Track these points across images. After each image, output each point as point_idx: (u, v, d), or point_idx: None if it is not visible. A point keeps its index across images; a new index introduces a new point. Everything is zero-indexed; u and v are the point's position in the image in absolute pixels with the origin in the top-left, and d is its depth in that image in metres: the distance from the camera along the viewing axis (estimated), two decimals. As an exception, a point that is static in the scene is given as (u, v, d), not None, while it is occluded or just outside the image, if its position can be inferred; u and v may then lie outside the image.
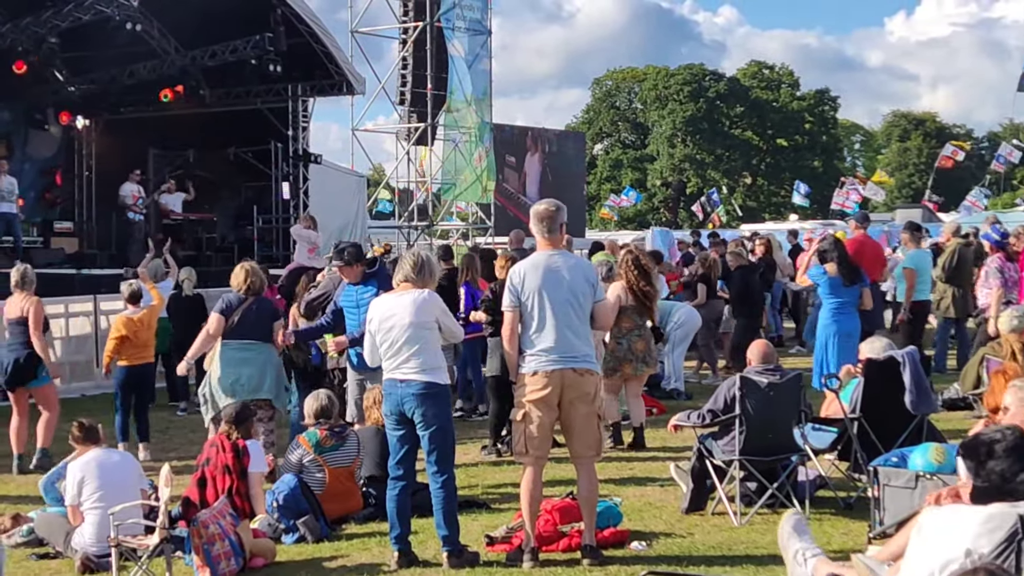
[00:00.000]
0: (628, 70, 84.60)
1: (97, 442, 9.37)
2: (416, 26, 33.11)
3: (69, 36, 24.17)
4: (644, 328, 12.71)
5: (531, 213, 8.60)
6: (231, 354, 11.53)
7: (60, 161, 29.32)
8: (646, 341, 12.68)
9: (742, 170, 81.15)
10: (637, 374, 12.75)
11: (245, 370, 11.46)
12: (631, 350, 12.58)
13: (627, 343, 12.56)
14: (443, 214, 37.49)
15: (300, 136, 27.94)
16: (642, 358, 12.65)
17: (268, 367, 11.57)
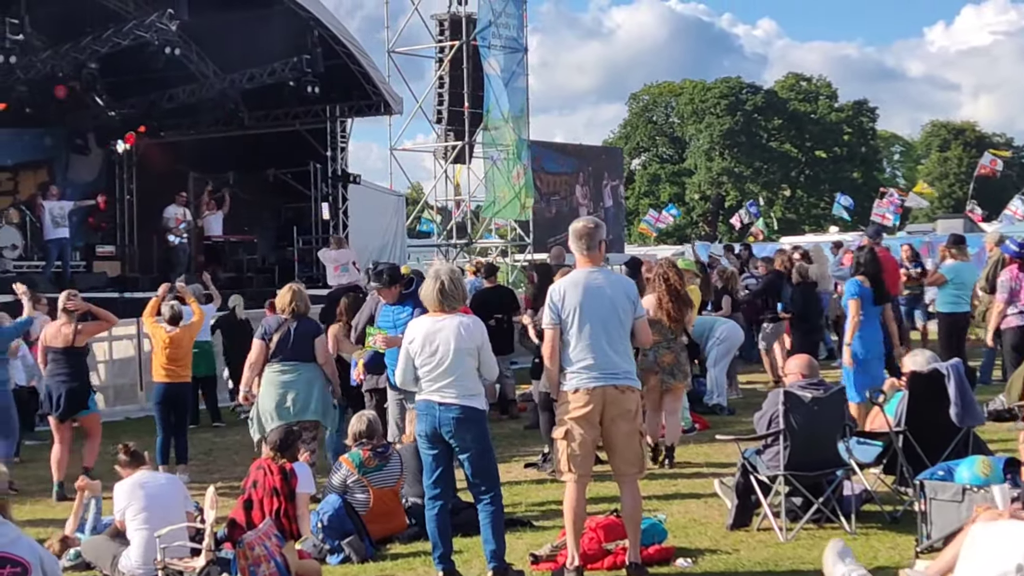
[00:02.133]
0: (665, 84, 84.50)
1: (142, 465, 9.42)
2: (452, 45, 33.21)
3: (109, 61, 24.39)
4: (674, 341, 12.59)
5: (570, 230, 8.58)
6: (275, 376, 11.59)
7: (101, 185, 29.55)
8: (675, 354, 12.55)
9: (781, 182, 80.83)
10: (664, 386, 12.62)
11: (290, 392, 11.50)
12: (657, 362, 12.47)
13: (654, 355, 12.45)
14: (482, 232, 37.51)
15: (339, 156, 28.07)
16: (669, 370, 12.52)
17: (313, 386, 11.59)
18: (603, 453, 8.81)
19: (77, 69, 24.24)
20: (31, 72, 24.18)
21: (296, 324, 11.68)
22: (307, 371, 11.60)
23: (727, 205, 76.83)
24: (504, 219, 35.92)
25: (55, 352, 12.91)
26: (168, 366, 13.48)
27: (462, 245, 35.56)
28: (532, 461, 12.92)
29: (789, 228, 68.83)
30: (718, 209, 78.91)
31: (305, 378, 11.58)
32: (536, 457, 12.95)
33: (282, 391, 11.52)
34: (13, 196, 27.49)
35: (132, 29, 23.47)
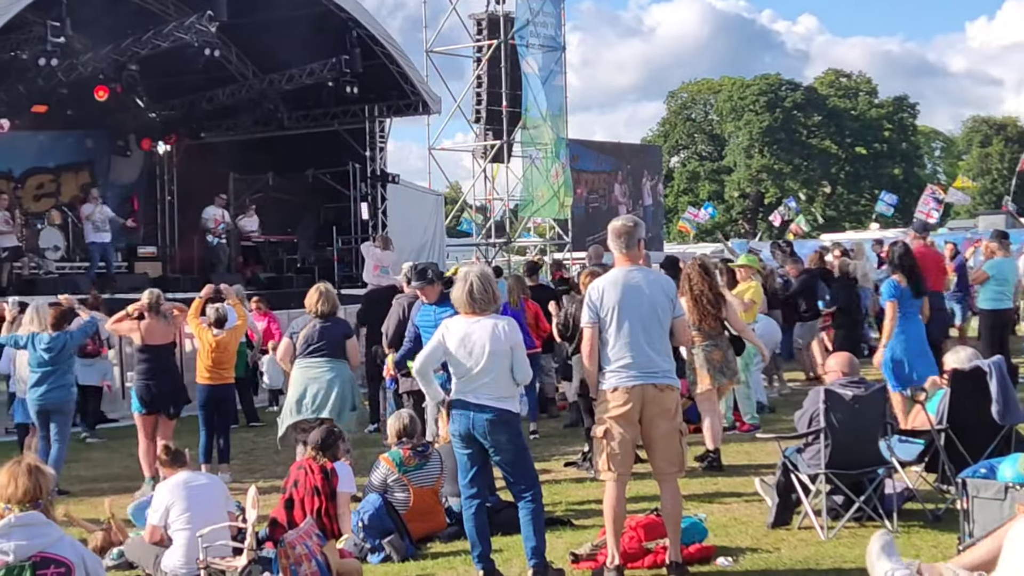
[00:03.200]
0: (703, 82, 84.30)
1: (184, 465, 9.48)
2: (490, 44, 33.24)
3: (149, 63, 24.54)
4: (720, 339, 12.55)
5: (609, 229, 8.56)
6: (298, 373, 11.74)
7: (142, 187, 29.77)
8: (723, 351, 12.50)
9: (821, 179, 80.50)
10: (716, 384, 12.58)
11: (310, 389, 11.58)
12: (708, 360, 12.45)
13: (704, 352, 12.43)
14: (520, 230, 37.53)
15: (378, 156, 28.14)
16: (719, 368, 12.48)
17: (335, 385, 11.64)
18: (643, 452, 8.81)
19: (118, 71, 24.42)
20: (72, 74, 24.40)
21: (323, 323, 11.75)
22: (333, 369, 11.66)
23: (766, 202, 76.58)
24: (543, 218, 35.92)
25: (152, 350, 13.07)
26: (213, 368, 13.57)
27: (501, 244, 35.58)
28: (572, 460, 12.92)
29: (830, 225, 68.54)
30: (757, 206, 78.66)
31: (327, 377, 11.64)
32: (576, 456, 12.94)
33: (303, 387, 11.64)
34: (55, 198, 27.78)
35: (172, 31, 23.62)
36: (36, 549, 5.36)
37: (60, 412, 13.03)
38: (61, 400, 13.02)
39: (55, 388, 12.95)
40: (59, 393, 12.99)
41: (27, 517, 5.42)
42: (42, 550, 5.37)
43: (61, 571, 5.37)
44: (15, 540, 5.33)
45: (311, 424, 11.29)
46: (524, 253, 37.63)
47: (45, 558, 5.36)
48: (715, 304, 12.48)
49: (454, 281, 11.15)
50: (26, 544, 5.34)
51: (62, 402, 13.04)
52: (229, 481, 12.37)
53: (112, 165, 29.71)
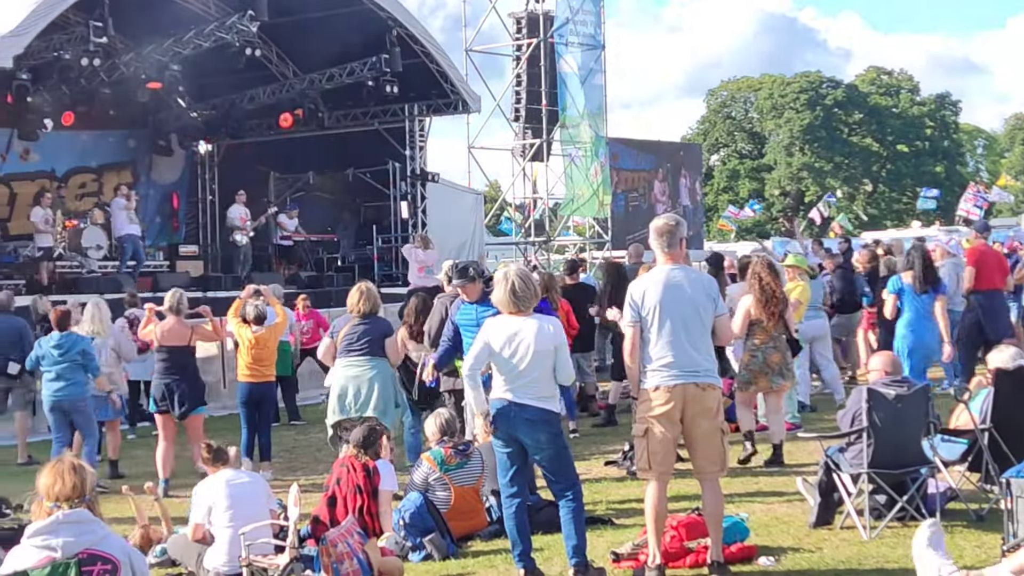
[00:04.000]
0: (743, 80, 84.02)
1: (226, 463, 9.52)
2: (530, 43, 33.21)
3: (190, 63, 24.66)
4: (779, 340, 12.50)
5: (650, 228, 8.55)
6: (340, 372, 11.80)
7: (183, 186, 29.95)
8: (782, 353, 12.44)
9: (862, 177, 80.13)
10: (774, 387, 12.54)
11: (351, 387, 11.62)
12: (766, 363, 12.38)
13: (762, 355, 12.37)
14: (560, 229, 37.51)
15: (417, 155, 28.19)
16: (778, 371, 12.41)
17: (376, 383, 11.67)
18: (684, 451, 8.79)
19: (160, 71, 24.56)
20: (115, 74, 24.58)
21: (363, 322, 11.78)
22: (371, 368, 11.69)
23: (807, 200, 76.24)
24: (582, 216, 35.89)
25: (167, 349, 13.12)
26: (253, 366, 13.62)
27: (540, 243, 35.57)
28: (612, 459, 12.90)
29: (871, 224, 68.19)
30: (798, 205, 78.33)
31: (368, 375, 11.68)
32: (616, 455, 12.92)
33: (344, 386, 11.69)
34: (97, 197, 27.98)
35: (213, 31, 23.75)
36: (83, 546, 5.39)
37: (77, 410, 13.13)
38: (76, 396, 13.11)
39: (68, 385, 13.07)
40: (73, 390, 13.09)
41: (75, 515, 5.46)
42: (89, 547, 5.40)
43: (108, 568, 5.40)
44: (63, 536, 5.37)
45: (354, 423, 11.33)
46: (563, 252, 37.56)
47: (92, 555, 5.39)
48: (783, 304, 12.45)
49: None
50: (73, 541, 5.37)
51: (77, 399, 13.12)
52: (270, 479, 12.41)
53: (154, 164, 29.91)
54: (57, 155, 27.68)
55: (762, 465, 12.34)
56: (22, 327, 15.61)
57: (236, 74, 25.61)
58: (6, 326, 15.47)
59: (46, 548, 5.36)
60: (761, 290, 12.37)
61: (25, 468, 14.68)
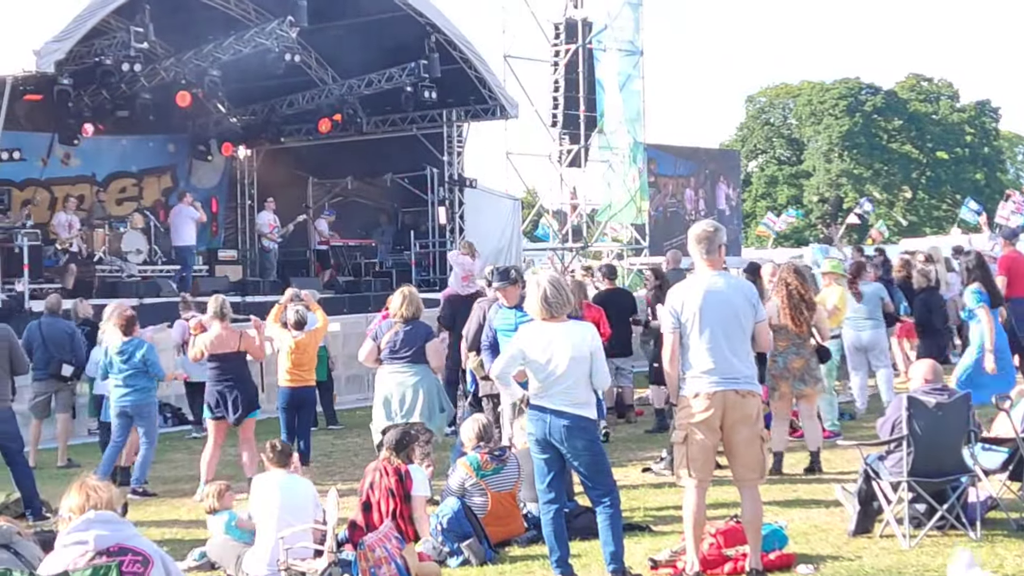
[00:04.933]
0: (782, 86, 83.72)
1: (285, 465, 9.54)
2: (568, 49, 33.26)
3: (230, 68, 24.79)
4: (803, 346, 12.48)
5: (689, 234, 8.54)
6: (384, 378, 11.78)
7: (223, 191, 30.12)
8: (804, 359, 12.43)
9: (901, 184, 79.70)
10: (796, 393, 12.52)
11: (396, 393, 11.62)
12: (787, 368, 12.38)
13: (783, 361, 12.37)
14: (597, 235, 37.50)
15: (455, 161, 28.23)
16: (799, 376, 12.41)
17: (420, 389, 11.67)
18: (722, 458, 8.76)
19: (199, 76, 24.69)
20: (155, 80, 24.74)
21: (406, 327, 11.79)
22: (415, 375, 11.69)
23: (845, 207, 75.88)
24: (620, 222, 35.88)
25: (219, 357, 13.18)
26: (293, 371, 13.66)
27: (578, 249, 35.58)
28: (650, 465, 12.88)
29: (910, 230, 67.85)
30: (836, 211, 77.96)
31: (412, 382, 11.67)
32: (655, 463, 12.89)
33: (389, 392, 11.68)
34: (137, 201, 28.15)
35: (253, 36, 23.88)
36: (114, 541, 5.47)
37: (141, 415, 13.22)
38: (140, 403, 13.21)
39: (131, 391, 13.16)
40: (137, 396, 13.19)
41: (106, 514, 5.54)
42: (120, 542, 5.47)
43: (138, 559, 5.47)
44: (95, 530, 5.45)
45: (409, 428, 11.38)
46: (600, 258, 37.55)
47: (123, 547, 5.47)
48: (809, 309, 12.40)
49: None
50: (106, 535, 5.45)
51: (141, 404, 13.21)
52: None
53: (193, 169, 30.07)
54: (98, 160, 27.89)
55: (800, 473, 12.30)
56: (72, 330, 15.74)
57: (275, 80, 25.71)
58: (56, 329, 15.61)
59: (78, 543, 5.44)
60: (788, 296, 12.35)
61: (65, 471, 14.79)
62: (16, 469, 11.95)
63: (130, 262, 24.18)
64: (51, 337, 15.44)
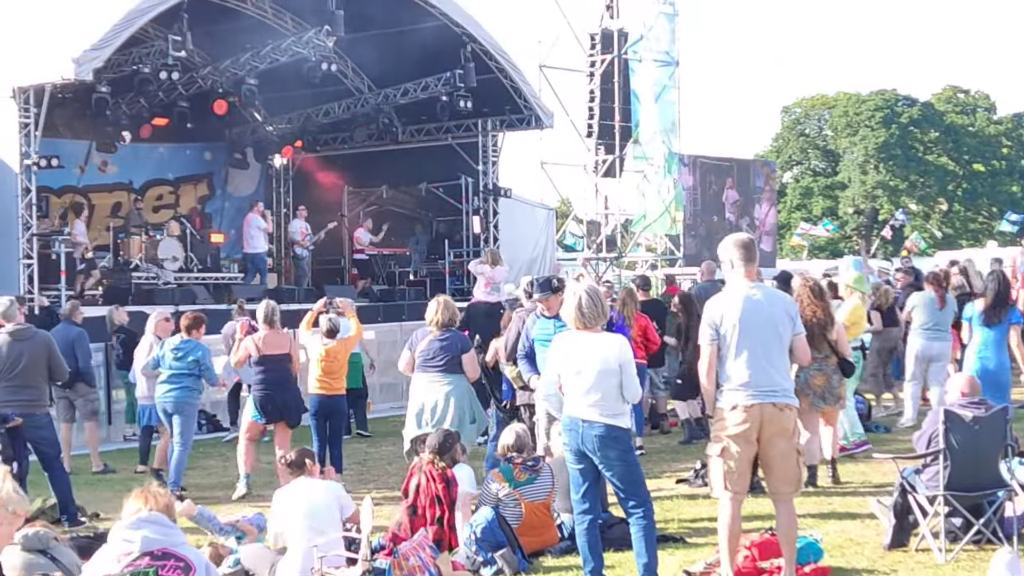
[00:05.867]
0: (818, 97, 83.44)
1: (301, 473, 9.58)
2: (603, 59, 33.28)
3: (267, 77, 24.92)
4: (825, 362, 12.33)
5: (727, 244, 8.49)
6: (418, 386, 11.83)
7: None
8: (827, 376, 12.23)
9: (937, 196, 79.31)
10: (814, 409, 12.41)
11: (428, 402, 11.64)
12: (808, 384, 12.20)
13: (804, 376, 12.18)
14: (631, 245, 37.48)
15: (490, 170, 28.27)
16: (820, 394, 12.22)
17: (452, 398, 11.67)
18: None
19: (236, 85, 24.83)
20: (192, 88, 24.90)
21: (441, 337, 11.80)
22: (448, 384, 11.70)
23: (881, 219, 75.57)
24: (654, 233, 35.85)
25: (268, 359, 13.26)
26: (323, 378, 13.70)
27: (612, 259, 35.57)
28: (684, 477, 12.84)
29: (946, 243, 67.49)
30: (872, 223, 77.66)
31: (445, 391, 11.69)
32: (688, 473, 12.86)
33: (421, 401, 11.72)
34: (174, 209, 28.32)
35: (290, 45, 24.01)
36: (161, 544, 5.52)
37: (181, 413, 13.31)
38: (182, 400, 13.30)
39: (176, 389, 13.31)
40: (180, 394, 13.32)
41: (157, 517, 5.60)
42: (166, 546, 5.52)
43: (180, 565, 5.52)
44: (143, 530, 5.49)
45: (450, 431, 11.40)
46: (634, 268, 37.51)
47: (167, 552, 5.52)
48: (825, 327, 12.28)
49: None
50: (153, 538, 5.50)
51: (183, 403, 13.30)
52: (342, 492, 12.47)
53: (230, 177, 30.25)
54: (135, 167, 28.10)
55: (834, 486, 12.24)
56: (75, 337, 15.50)
57: (312, 88, 25.83)
58: (59, 336, 15.56)
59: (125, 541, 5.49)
60: (802, 312, 12.20)
61: (100, 477, 14.89)
62: (53, 474, 12.03)
63: (166, 269, 24.30)
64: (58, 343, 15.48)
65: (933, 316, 15.64)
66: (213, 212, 29.56)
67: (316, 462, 10.10)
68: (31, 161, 20.26)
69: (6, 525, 6.15)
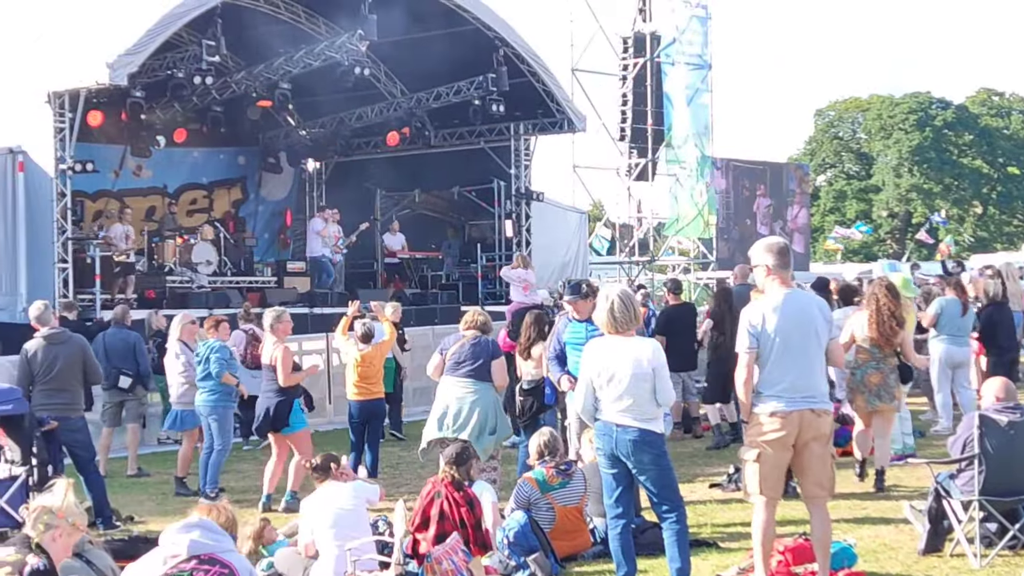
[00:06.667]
0: (851, 100, 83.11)
1: (327, 476, 9.61)
2: (636, 63, 33.26)
3: (300, 81, 25.00)
4: (883, 362, 12.32)
5: (762, 245, 8.45)
6: (444, 389, 11.80)
7: (292, 203, 30.38)
8: (883, 375, 12.25)
9: (972, 199, 78.87)
10: (870, 408, 12.39)
11: (453, 405, 11.62)
12: (864, 382, 12.26)
13: (861, 374, 12.25)
14: (664, 249, 37.43)
15: (523, 174, 28.24)
16: (875, 392, 12.26)
17: (476, 408, 11.63)
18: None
19: (270, 89, 24.91)
20: (226, 93, 25.00)
21: (472, 342, 11.79)
22: (474, 392, 11.66)
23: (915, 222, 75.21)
24: (687, 237, 35.79)
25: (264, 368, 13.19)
26: (360, 384, 13.72)
27: (644, 262, 35.52)
28: (717, 481, 12.81)
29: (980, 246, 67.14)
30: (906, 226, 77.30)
31: (471, 399, 11.65)
32: (721, 477, 12.83)
33: (446, 405, 11.69)
34: (208, 213, 28.43)
35: (323, 50, 24.06)
36: (208, 549, 5.56)
37: (216, 416, 13.36)
38: (218, 404, 13.36)
39: (206, 392, 13.38)
40: (208, 397, 13.37)
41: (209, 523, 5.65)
42: (214, 552, 5.56)
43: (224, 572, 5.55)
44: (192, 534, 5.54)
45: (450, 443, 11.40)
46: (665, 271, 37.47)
47: (212, 558, 5.56)
48: (896, 328, 12.25)
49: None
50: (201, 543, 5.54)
51: (219, 406, 13.36)
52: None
53: (263, 182, 30.37)
54: (169, 172, 28.23)
55: (868, 491, 12.19)
56: (135, 341, 15.86)
57: (344, 93, 25.89)
58: (117, 340, 15.73)
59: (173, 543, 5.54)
60: (877, 311, 12.20)
61: (135, 480, 14.96)
62: (88, 477, 12.09)
63: (200, 273, 24.38)
64: (113, 348, 15.55)
65: (956, 322, 15.55)
66: (247, 216, 29.67)
67: (341, 466, 10.10)
68: (66, 166, 20.35)
69: (66, 537, 6.23)
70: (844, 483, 12.36)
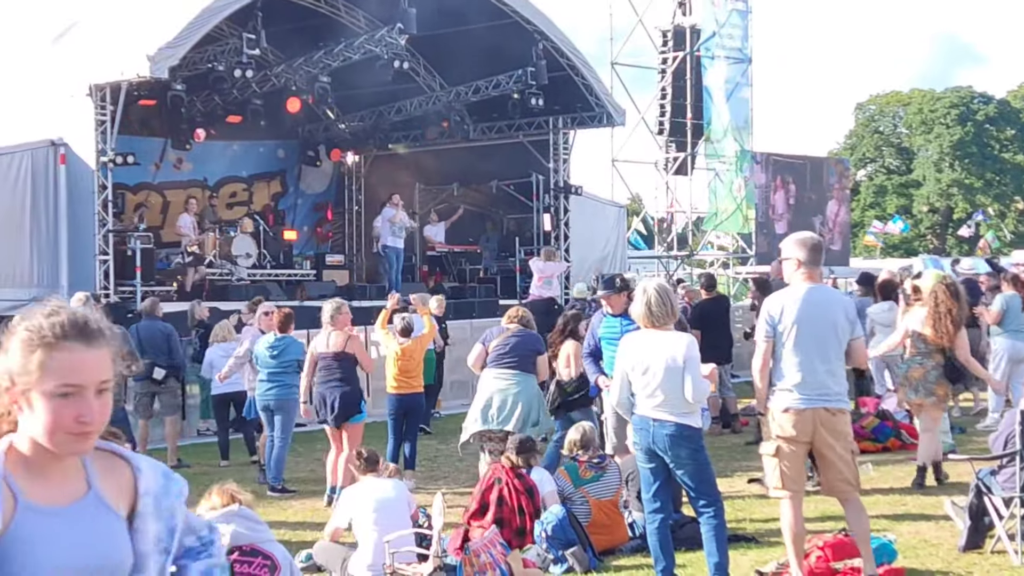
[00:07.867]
0: (892, 94, 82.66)
1: (375, 470, 9.64)
2: (675, 56, 33.18)
3: (339, 75, 25.05)
4: (929, 357, 12.21)
5: (793, 242, 8.40)
6: (487, 382, 11.81)
7: (331, 196, 30.45)
8: (924, 370, 12.15)
9: (1013, 195, 78.30)
10: (909, 400, 12.33)
11: (496, 399, 11.63)
12: (907, 376, 12.23)
13: (905, 367, 12.25)
14: (702, 243, 37.35)
15: (561, 168, 28.21)
16: (914, 386, 12.19)
17: (520, 400, 11.65)
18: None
19: (309, 83, 24.97)
20: (266, 86, 25.09)
21: (516, 335, 11.80)
22: (517, 384, 11.68)
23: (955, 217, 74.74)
24: (726, 231, 35.69)
25: (325, 358, 13.15)
26: (400, 377, 13.73)
27: (683, 257, 35.45)
28: (756, 476, 12.75)
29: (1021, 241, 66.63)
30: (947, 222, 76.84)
31: (514, 391, 11.67)
32: (760, 472, 12.76)
33: (489, 397, 11.71)
34: (247, 206, 28.56)
35: (363, 43, 24.09)
36: (250, 540, 5.59)
37: (281, 410, 13.38)
38: (283, 398, 13.37)
39: (275, 387, 13.36)
40: (280, 391, 13.37)
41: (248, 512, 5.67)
42: (255, 543, 5.58)
43: (267, 564, 5.59)
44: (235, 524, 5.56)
45: (495, 434, 11.40)
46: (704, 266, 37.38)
47: (254, 549, 5.59)
48: (953, 329, 12.14)
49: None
50: (243, 532, 5.57)
51: (283, 400, 13.38)
52: (413, 488, 12.50)
53: (303, 175, 30.49)
54: (209, 164, 28.37)
55: (908, 486, 12.12)
56: (169, 332, 15.92)
57: (384, 86, 25.91)
58: (152, 331, 15.80)
59: None
60: (935, 307, 12.12)
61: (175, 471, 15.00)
62: (128, 470, 12.12)
63: (240, 266, 24.49)
64: (147, 339, 15.59)
65: (1019, 317, 15.45)
66: (286, 209, 29.80)
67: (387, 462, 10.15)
68: (107, 158, 20.45)
69: None
70: (885, 479, 12.37)
